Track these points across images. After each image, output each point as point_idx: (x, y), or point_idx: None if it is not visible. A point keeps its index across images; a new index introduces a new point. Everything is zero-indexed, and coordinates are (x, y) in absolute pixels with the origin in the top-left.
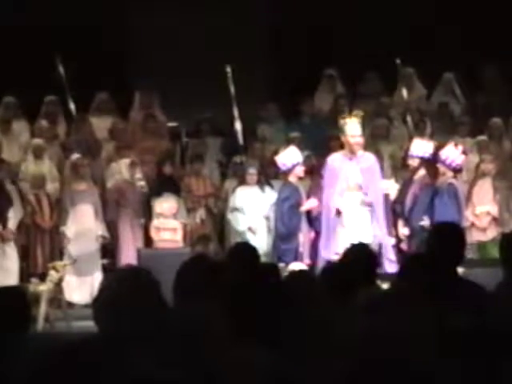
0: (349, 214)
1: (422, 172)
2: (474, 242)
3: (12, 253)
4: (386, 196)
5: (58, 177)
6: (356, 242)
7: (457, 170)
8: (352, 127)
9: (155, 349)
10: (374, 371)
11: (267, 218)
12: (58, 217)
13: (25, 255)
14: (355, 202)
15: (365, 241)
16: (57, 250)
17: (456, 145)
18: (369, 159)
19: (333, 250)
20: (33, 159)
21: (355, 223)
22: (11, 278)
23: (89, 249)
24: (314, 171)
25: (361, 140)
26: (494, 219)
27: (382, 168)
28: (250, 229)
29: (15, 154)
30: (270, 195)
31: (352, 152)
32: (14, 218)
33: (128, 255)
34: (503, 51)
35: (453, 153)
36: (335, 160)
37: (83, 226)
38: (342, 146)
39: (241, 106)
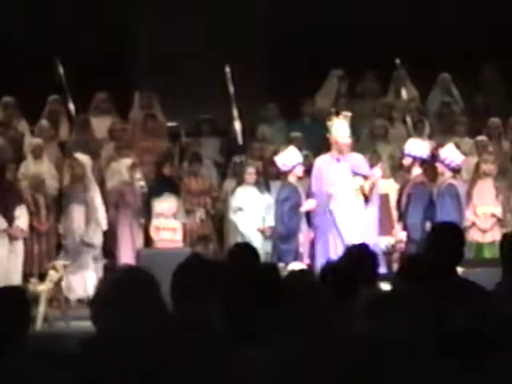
0: (342, 214)
1: (416, 171)
2: (472, 242)
3: (19, 251)
4: (386, 196)
5: (57, 176)
6: (355, 241)
7: (455, 170)
8: (341, 128)
9: (154, 349)
10: (374, 371)
11: (263, 219)
12: (56, 216)
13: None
14: (348, 201)
15: (360, 239)
16: (53, 251)
17: (456, 145)
18: (356, 158)
19: (330, 250)
20: (32, 159)
21: (349, 222)
22: (15, 277)
23: (76, 248)
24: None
25: (349, 141)
26: (499, 220)
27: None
28: (258, 230)
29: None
30: (266, 197)
31: (340, 153)
32: (23, 216)
33: (127, 255)
34: (503, 51)
35: (452, 153)
36: (323, 161)
37: (71, 225)
38: None
39: (240, 106)
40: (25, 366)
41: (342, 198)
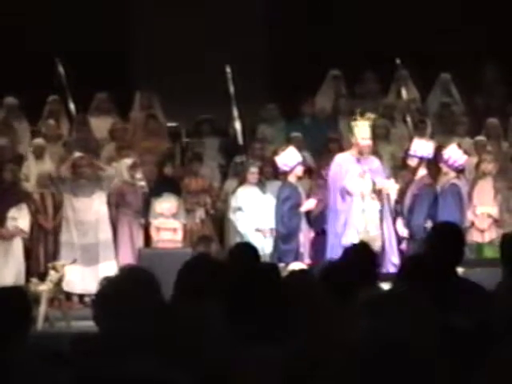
0: (357, 212)
1: (422, 172)
2: (473, 243)
3: (17, 252)
4: (387, 196)
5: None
6: (358, 241)
7: (459, 170)
8: (362, 130)
9: (155, 349)
10: (374, 371)
11: (264, 219)
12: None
13: (27, 255)
14: (364, 200)
15: (372, 233)
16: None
17: (459, 145)
18: (375, 161)
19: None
20: (33, 159)
21: (362, 217)
22: (11, 278)
23: (90, 240)
24: (311, 171)
25: (370, 143)
26: (496, 221)
27: None
28: (258, 230)
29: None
30: (268, 197)
31: (360, 154)
32: (23, 217)
33: (126, 255)
34: (503, 51)
35: (455, 153)
36: (343, 160)
37: (84, 217)
38: (341, 148)
39: (241, 106)
40: (26, 366)
41: (359, 198)
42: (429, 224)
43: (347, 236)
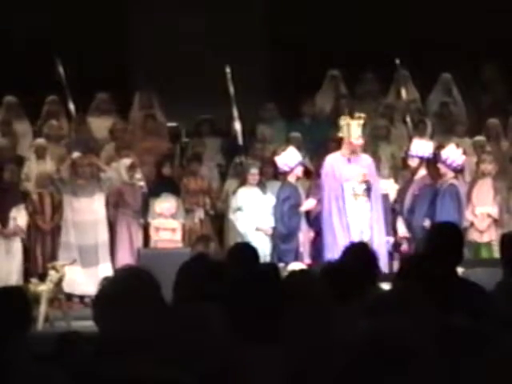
0: (350, 213)
1: (422, 172)
2: (471, 243)
3: (16, 252)
4: (386, 196)
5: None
6: (356, 240)
7: (457, 171)
8: (355, 129)
9: (155, 349)
10: (374, 371)
11: (266, 220)
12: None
13: (26, 255)
14: (356, 195)
15: (364, 235)
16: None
17: (457, 145)
18: (367, 160)
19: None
20: (35, 159)
21: (355, 217)
22: (13, 277)
23: (89, 241)
24: (310, 171)
25: (362, 142)
26: (495, 221)
27: (378, 168)
28: (258, 229)
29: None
30: (269, 197)
31: (352, 153)
32: (22, 216)
33: (124, 255)
34: (503, 51)
35: (454, 153)
36: (334, 160)
37: (83, 217)
38: (339, 148)
39: (240, 106)
40: (26, 366)
41: (351, 198)
42: (427, 223)
43: (342, 236)
